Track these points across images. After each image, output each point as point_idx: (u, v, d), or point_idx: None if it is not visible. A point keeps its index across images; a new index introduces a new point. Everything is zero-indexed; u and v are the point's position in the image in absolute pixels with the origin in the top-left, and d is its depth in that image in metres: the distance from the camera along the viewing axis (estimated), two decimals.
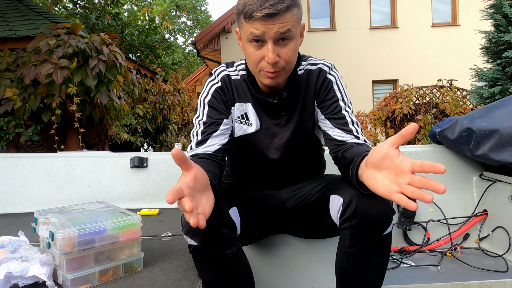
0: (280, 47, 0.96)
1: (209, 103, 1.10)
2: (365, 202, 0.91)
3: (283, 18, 0.91)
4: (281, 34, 0.93)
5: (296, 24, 0.96)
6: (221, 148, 1.06)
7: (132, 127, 4.75)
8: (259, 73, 1.01)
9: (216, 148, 1.05)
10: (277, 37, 0.94)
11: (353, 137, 1.05)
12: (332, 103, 1.09)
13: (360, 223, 0.92)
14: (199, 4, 23.73)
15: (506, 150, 1.43)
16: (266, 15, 0.90)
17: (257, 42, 0.95)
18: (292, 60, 1.00)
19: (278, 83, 1.02)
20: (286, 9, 0.91)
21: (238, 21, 0.99)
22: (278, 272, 1.35)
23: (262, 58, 0.97)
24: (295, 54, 1.00)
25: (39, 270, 0.85)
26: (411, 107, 5.07)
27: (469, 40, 8.72)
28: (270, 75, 0.99)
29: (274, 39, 0.94)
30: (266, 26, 0.92)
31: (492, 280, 1.31)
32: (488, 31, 3.87)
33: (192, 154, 1.04)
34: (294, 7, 0.93)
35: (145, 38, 7.64)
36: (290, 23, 0.93)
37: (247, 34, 0.95)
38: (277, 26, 0.92)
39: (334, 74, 1.13)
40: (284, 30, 0.92)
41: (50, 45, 2.90)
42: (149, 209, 1.63)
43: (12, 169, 1.71)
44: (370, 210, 0.90)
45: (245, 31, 0.96)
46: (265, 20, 0.91)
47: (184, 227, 0.92)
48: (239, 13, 0.96)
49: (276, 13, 0.90)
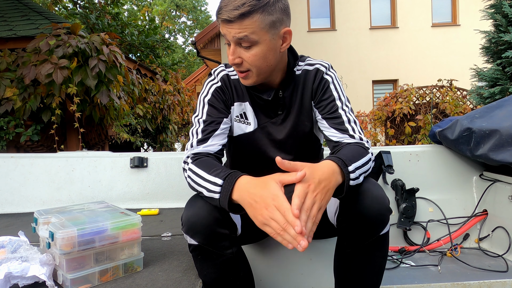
0: (244, 50, 0.98)
1: (209, 102, 1.11)
2: (361, 202, 0.91)
3: (239, 24, 0.93)
4: (239, 39, 0.95)
5: (261, 30, 0.94)
6: (221, 149, 1.07)
7: (132, 127, 4.75)
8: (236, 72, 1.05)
9: (217, 148, 1.06)
10: (236, 41, 0.96)
11: (347, 137, 1.05)
12: (328, 103, 1.10)
13: (357, 224, 0.92)
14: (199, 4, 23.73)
15: (506, 150, 1.43)
16: (223, 20, 0.94)
17: (228, 43, 0.99)
18: (258, 65, 0.99)
19: (249, 84, 1.04)
20: (241, 16, 0.91)
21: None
22: (278, 272, 1.35)
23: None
24: (261, 59, 0.99)
25: (39, 270, 0.85)
26: (411, 107, 5.06)
27: (469, 40, 8.71)
28: (239, 75, 1.03)
29: (235, 42, 0.97)
30: (226, 29, 0.96)
31: (492, 280, 1.31)
32: (488, 31, 3.87)
33: (194, 152, 1.04)
34: (256, 13, 0.92)
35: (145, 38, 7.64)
36: (248, 30, 0.93)
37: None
38: (234, 31, 0.94)
39: (331, 74, 1.13)
40: (240, 36, 0.94)
41: (50, 45, 2.90)
42: (149, 209, 1.63)
43: (12, 169, 1.71)
44: (367, 210, 0.90)
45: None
46: (225, 23, 0.95)
47: (184, 226, 0.92)
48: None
49: (230, 20, 0.93)
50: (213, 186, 0.89)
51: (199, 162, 0.98)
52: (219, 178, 0.89)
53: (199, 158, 1.00)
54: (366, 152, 0.98)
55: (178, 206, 1.70)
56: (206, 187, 0.91)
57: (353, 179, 0.89)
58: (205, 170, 0.93)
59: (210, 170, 0.93)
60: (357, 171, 0.91)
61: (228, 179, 0.88)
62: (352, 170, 0.89)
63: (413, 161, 1.73)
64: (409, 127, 4.84)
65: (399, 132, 5.26)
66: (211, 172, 0.92)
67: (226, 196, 0.86)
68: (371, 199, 0.91)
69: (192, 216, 0.91)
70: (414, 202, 1.65)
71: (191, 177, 0.96)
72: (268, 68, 1.02)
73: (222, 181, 0.88)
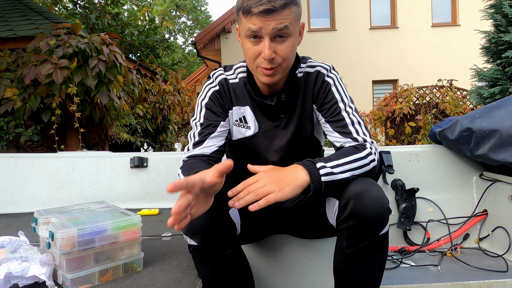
0: (277, 43, 0.96)
1: (206, 105, 1.11)
2: (361, 202, 0.91)
3: (280, 14, 0.92)
4: (278, 30, 0.93)
5: (294, 22, 0.96)
6: (218, 150, 1.07)
7: (132, 127, 4.75)
8: (256, 69, 1.01)
9: (213, 149, 1.05)
10: (274, 34, 0.94)
11: (350, 140, 1.05)
12: (331, 106, 1.09)
13: (357, 224, 0.92)
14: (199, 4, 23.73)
15: (506, 150, 1.43)
16: (264, 11, 0.91)
17: (255, 38, 0.96)
18: (289, 58, 1.00)
19: (275, 81, 1.02)
20: (284, 6, 0.91)
21: (237, 17, 1.00)
22: (278, 272, 1.35)
23: (259, 54, 0.97)
24: (292, 51, 1.00)
25: (39, 270, 0.85)
26: (411, 107, 5.06)
27: (469, 40, 8.71)
28: (266, 72, 0.99)
29: (271, 35, 0.94)
30: (263, 22, 0.92)
31: (492, 280, 1.31)
32: (488, 31, 3.87)
33: (189, 155, 1.04)
34: (293, 4, 0.94)
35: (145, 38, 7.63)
36: (287, 20, 0.93)
37: (245, 30, 0.96)
38: (274, 22, 0.92)
39: (333, 76, 1.12)
40: (281, 27, 0.93)
41: (50, 45, 2.90)
42: (149, 209, 1.63)
43: (12, 169, 1.71)
44: (366, 210, 0.90)
45: (243, 26, 0.97)
46: (262, 15, 0.91)
47: (184, 227, 0.92)
48: (238, 9, 0.97)
49: (273, 9, 0.91)
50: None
51: (184, 167, 1.00)
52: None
53: (188, 162, 1.02)
54: (359, 151, 0.98)
55: None
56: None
57: (324, 175, 0.91)
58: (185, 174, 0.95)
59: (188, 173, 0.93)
60: (338, 168, 0.93)
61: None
62: (321, 166, 0.91)
63: (413, 161, 1.73)
64: (409, 127, 4.84)
65: (399, 132, 5.26)
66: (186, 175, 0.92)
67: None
68: (371, 199, 0.90)
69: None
70: (414, 202, 1.65)
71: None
72: (291, 64, 1.03)
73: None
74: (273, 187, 0.87)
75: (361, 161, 0.97)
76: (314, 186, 0.90)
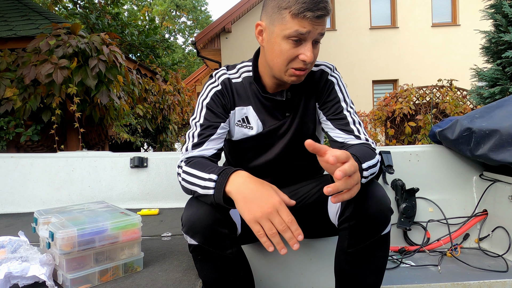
0: (313, 47, 0.97)
1: (207, 105, 1.10)
2: (363, 202, 0.91)
3: (324, 21, 0.95)
4: (320, 35, 0.96)
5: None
6: (216, 153, 1.07)
7: (132, 127, 4.75)
8: (287, 70, 1.00)
9: (212, 152, 1.05)
10: (317, 38, 0.96)
11: (353, 138, 1.05)
12: (333, 104, 1.10)
13: (359, 224, 0.92)
14: (199, 4, 23.73)
15: (506, 150, 1.43)
16: (319, 16, 0.91)
17: (297, 40, 0.95)
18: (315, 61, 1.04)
19: (300, 81, 1.04)
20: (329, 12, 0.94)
21: (277, 15, 0.95)
22: (278, 272, 1.35)
23: (297, 56, 0.97)
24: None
25: (39, 270, 0.85)
26: (411, 107, 5.06)
27: (469, 40, 8.72)
28: (299, 73, 0.99)
29: (314, 39, 0.96)
30: (313, 26, 0.93)
31: (492, 280, 1.31)
32: (488, 31, 3.87)
33: (188, 156, 1.04)
34: None
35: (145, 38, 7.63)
36: (325, 25, 0.97)
37: (290, 31, 0.93)
38: (320, 27, 0.94)
39: (336, 76, 1.13)
40: (323, 32, 0.96)
41: (50, 45, 2.90)
42: (149, 209, 1.63)
43: (12, 169, 1.71)
44: (368, 210, 0.90)
45: (287, 27, 0.93)
46: (315, 20, 0.92)
47: (184, 226, 0.92)
48: (283, 7, 0.93)
49: (326, 15, 0.93)
50: (208, 182, 0.90)
51: (193, 163, 0.98)
52: (214, 174, 0.90)
53: (193, 160, 1.01)
54: (375, 154, 0.98)
55: (178, 206, 1.71)
56: (200, 184, 0.91)
57: (365, 177, 0.89)
58: (199, 169, 0.94)
59: (205, 169, 0.93)
60: (369, 170, 0.91)
61: (222, 174, 0.89)
62: (365, 168, 0.89)
63: (413, 161, 1.73)
64: (409, 127, 4.84)
65: (399, 132, 5.26)
66: (206, 170, 0.92)
67: (220, 189, 0.87)
68: (373, 199, 0.91)
69: (192, 216, 0.91)
70: (414, 202, 1.65)
71: (185, 179, 0.97)
72: None
73: (217, 176, 0.89)
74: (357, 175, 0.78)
75: (377, 166, 0.97)
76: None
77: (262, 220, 0.80)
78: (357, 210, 0.91)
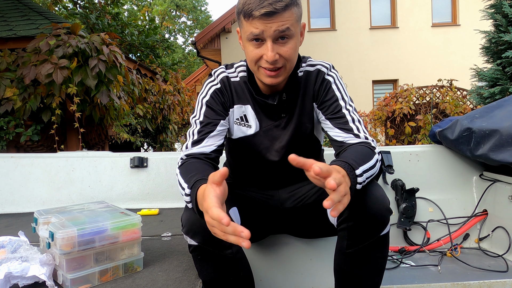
0: (279, 45, 0.96)
1: (207, 103, 1.10)
2: (362, 203, 0.91)
3: (282, 16, 0.92)
4: (280, 32, 0.93)
5: (296, 23, 0.96)
6: (216, 149, 1.07)
7: (132, 127, 4.75)
8: (259, 71, 1.01)
9: (212, 149, 1.05)
10: (276, 36, 0.94)
11: (352, 136, 1.04)
12: (332, 103, 1.09)
13: (357, 225, 0.92)
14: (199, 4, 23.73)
15: (506, 150, 1.43)
16: (265, 14, 0.90)
17: (257, 41, 0.96)
18: (292, 59, 1.00)
19: (278, 82, 1.02)
20: (285, 7, 0.91)
21: (238, 20, 0.99)
22: (278, 272, 1.35)
23: (261, 57, 0.97)
24: (295, 52, 1.00)
25: (39, 270, 0.85)
26: (411, 107, 5.06)
27: (469, 40, 8.71)
28: (270, 74, 0.99)
29: (273, 38, 0.94)
30: (265, 25, 0.92)
31: (492, 280, 1.31)
32: (488, 31, 3.87)
33: (188, 153, 1.04)
34: (294, 5, 0.94)
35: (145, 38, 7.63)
36: (289, 22, 0.93)
37: (247, 33, 0.96)
38: (276, 24, 0.92)
39: (333, 74, 1.12)
40: (283, 29, 0.93)
41: (50, 45, 2.90)
42: (149, 209, 1.63)
43: (12, 169, 1.71)
44: (367, 211, 0.90)
45: (244, 30, 0.97)
46: (264, 18, 0.91)
47: (184, 227, 0.92)
48: (239, 12, 0.97)
49: (275, 12, 0.91)
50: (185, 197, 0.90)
51: (182, 167, 0.98)
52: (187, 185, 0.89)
53: (186, 162, 1.00)
54: (373, 154, 0.96)
55: (178, 206, 1.71)
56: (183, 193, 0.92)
57: (359, 183, 0.86)
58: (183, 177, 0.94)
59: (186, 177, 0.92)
60: (365, 174, 0.88)
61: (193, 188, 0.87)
62: (360, 173, 0.85)
63: (413, 161, 1.73)
64: (409, 127, 4.84)
65: (399, 132, 5.26)
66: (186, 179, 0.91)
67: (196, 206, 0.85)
68: (372, 199, 0.90)
69: (192, 216, 0.91)
70: (414, 202, 1.65)
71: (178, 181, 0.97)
72: (294, 65, 1.03)
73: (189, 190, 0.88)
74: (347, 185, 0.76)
75: (376, 166, 0.94)
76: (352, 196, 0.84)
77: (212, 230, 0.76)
78: (355, 211, 0.91)
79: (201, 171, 0.94)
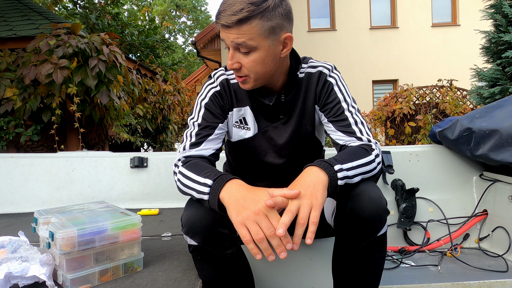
0: (242, 55, 0.96)
1: (206, 106, 1.10)
2: (358, 204, 0.90)
3: (237, 30, 0.91)
4: (237, 44, 0.93)
5: (259, 36, 0.92)
6: (214, 153, 1.07)
7: (132, 127, 4.75)
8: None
9: (210, 152, 1.06)
10: (234, 46, 0.95)
11: (354, 139, 1.03)
12: (334, 106, 1.08)
13: (354, 225, 0.92)
14: (199, 4, 23.74)
15: (506, 150, 1.43)
16: (222, 25, 0.93)
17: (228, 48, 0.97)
18: (256, 70, 0.98)
19: (248, 88, 1.03)
20: (239, 22, 0.90)
21: None
22: (278, 272, 1.35)
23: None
24: (259, 65, 0.97)
25: (39, 270, 0.85)
26: (411, 107, 5.06)
27: (469, 40, 8.71)
28: (237, 79, 1.01)
29: (233, 47, 0.95)
30: (225, 34, 0.94)
31: (492, 280, 1.31)
32: (488, 31, 3.87)
33: (186, 155, 1.03)
34: (255, 19, 0.90)
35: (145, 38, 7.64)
36: (246, 36, 0.91)
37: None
38: (232, 36, 0.93)
39: (335, 76, 1.11)
40: (239, 42, 0.92)
41: (50, 45, 2.90)
42: (149, 209, 1.63)
43: (12, 169, 1.71)
44: (364, 211, 0.89)
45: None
46: (224, 28, 0.93)
47: (184, 227, 0.92)
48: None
49: (228, 26, 0.91)
50: (203, 187, 0.89)
51: (189, 165, 0.98)
52: (209, 179, 0.89)
53: (190, 161, 1.00)
54: (368, 153, 0.96)
55: (178, 206, 1.71)
56: (195, 188, 0.91)
57: (341, 178, 0.88)
58: (195, 172, 0.93)
59: (200, 172, 0.92)
60: (352, 171, 0.89)
61: (218, 180, 0.88)
62: (339, 169, 0.87)
63: (413, 161, 1.73)
64: (409, 127, 4.84)
65: (399, 132, 5.26)
66: (202, 174, 0.92)
67: (215, 195, 0.86)
68: (368, 200, 0.90)
69: (191, 216, 0.91)
70: (414, 202, 1.65)
71: (180, 181, 0.97)
72: (267, 74, 1.00)
73: (212, 181, 0.88)
74: (307, 202, 0.82)
75: (370, 165, 0.95)
76: (330, 190, 0.87)
77: (248, 223, 0.79)
78: (352, 211, 0.91)
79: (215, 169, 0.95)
